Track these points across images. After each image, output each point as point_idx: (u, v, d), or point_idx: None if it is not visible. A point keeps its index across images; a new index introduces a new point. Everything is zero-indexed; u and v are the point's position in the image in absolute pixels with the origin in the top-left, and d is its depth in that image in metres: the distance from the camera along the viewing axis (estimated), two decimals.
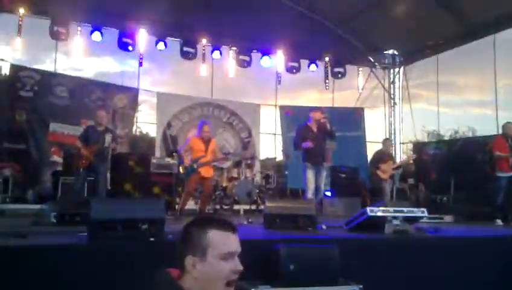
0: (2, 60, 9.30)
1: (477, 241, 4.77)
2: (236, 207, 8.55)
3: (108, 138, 6.71)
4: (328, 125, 6.48)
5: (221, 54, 11.20)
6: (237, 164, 9.18)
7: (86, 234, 3.56)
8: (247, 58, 11.35)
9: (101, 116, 6.97)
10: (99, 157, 6.68)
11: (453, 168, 9.69)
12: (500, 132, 7.65)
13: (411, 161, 9.66)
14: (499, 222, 6.97)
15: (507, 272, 4.37)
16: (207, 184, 6.80)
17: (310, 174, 6.42)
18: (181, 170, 6.75)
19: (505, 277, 4.36)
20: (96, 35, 9.86)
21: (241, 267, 1.47)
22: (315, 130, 6.53)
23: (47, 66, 10.46)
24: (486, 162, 7.83)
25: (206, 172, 6.70)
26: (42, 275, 2.99)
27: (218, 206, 8.43)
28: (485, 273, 4.29)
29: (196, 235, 1.47)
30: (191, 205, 7.32)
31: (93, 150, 6.61)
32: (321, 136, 6.55)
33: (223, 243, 1.45)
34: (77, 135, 7.27)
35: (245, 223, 5.99)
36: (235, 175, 8.97)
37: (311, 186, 6.40)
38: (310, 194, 6.40)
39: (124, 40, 10.12)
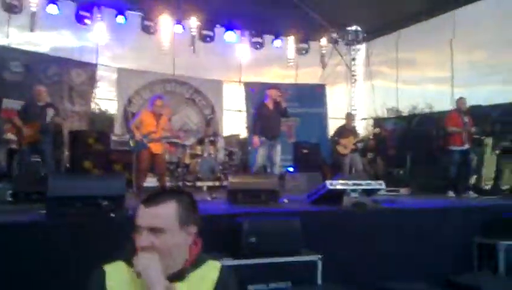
0: None
1: (429, 212, 5.02)
2: (199, 184, 8.54)
3: (50, 112, 6.49)
4: (283, 104, 6.82)
5: (183, 28, 10.97)
6: (200, 141, 9.13)
7: (44, 211, 3.50)
8: (210, 33, 11.19)
9: (39, 91, 6.69)
10: (43, 134, 6.46)
11: (410, 143, 10.03)
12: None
13: (373, 134, 9.78)
14: (451, 193, 7.31)
15: (455, 240, 4.64)
16: (158, 161, 6.64)
17: (262, 150, 6.66)
18: (131, 143, 6.62)
19: (453, 245, 4.63)
20: (52, 8, 9.45)
21: (140, 244, 1.45)
22: (271, 107, 6.83)
23: None
24: (441, 136, 8.14)
25: (156, 148, 6.54)
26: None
27: (180, 183, 8.41)
28: (435, 243, 4.53)
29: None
30: (153, 182, 7.26)
31: (36, 126, 6.38)
32: (276, 113, 6.86)
33: (136, 216, 1.49)
34: None
35: (208, 199, 6.04)
36: (198, 152, 8.92)
37: (260, 160, 6.66)
38: (255, 168, 6.70)
39: (82, 13, 9.73)
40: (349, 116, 9.35)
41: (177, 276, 1.49)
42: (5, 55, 9.33)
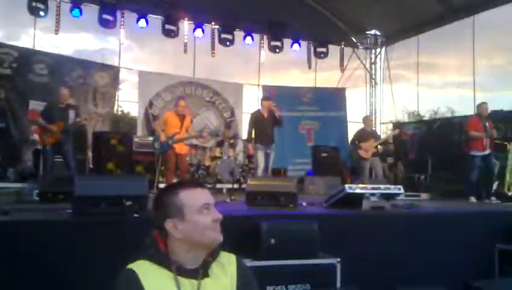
0: None
1: (449, 218, 4.97)
2: (219, 186, 8.63)
3: (71, 114, 6.67)
4: (277, 113, 7.28)
5: (203, 32, 11.12)
6: (220, 143, 9.23)
7: (69, 211, 3.61)
8: (230, 36, 11.29)
9: (63, 93, 6.85)
10: (65, 135, 6.63)
11: (432, 147, 9.92)
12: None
13: (392, 137, 9.62)
14: (473, 199, 7.20)
15: (475, 246, 4.59)
16: (182, 161, 6.87)
17: (260, 155, 7.21)
18: (156, 145, 6.76)
19: (473, 250, 4.58)
20: (76, 12, 9.69)
21: (220, 216, 1.55)
22: (265, 115, 7.33)
23: (24, 42, 10.19)
24: (462, 141, 8.04)
25: (180, 149, 6.76)
26: (26, 250, 3.03)
27: None
28: (455, 248, 4.49)
29: (169, 199, 1.55)
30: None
31: (59, 126, 6.56)
32: (270, 121, 7.34)
33: (195, 198, 1.54)
34: None
35: (228, 200, 6.09)
36: (218, 154, 9.03)
37: (261, 165, 7.22)
38: (259, 172, 7.17)
39: (105, 16, 9.96)
40: (367, 119, 9.25)
41: (204, 269, 1.54)
42: (31, 57, 9.62)
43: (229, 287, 1.56)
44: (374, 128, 9.32)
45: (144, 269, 1.50)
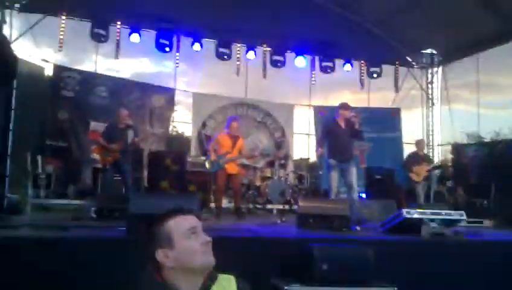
0: (46, 61, 9.66)
1: None
2: (269, 206, 8.57)
3: (130, 134, 6.89)
4: (357, 125, 6.14)
5: (255, 54, 11.27)
6: (270, 164, 9.20)
7: (123, 228, 3.68)
8: (281, 58, 11.37)
9: (122, 114, 7.06)
10: (123, 155, 6.83)
11: (494, 171, 9.33)
12: None
13: (448, 163, 9.46)
14: None
15: None
16: (234, 181, 6.86)
17: (334, 173, 6.03)
18: (207, 165, 6.82)
19: None
20: (135, 37, 10.15)
21: (209, 238, 1.56)
22: (343, 126, 6.22)
23: (86, 67, 10.79)
24: None
25: (231, 169, 6.75)
26: (80, 266, 3.11)
27: (251, 205, 8.48)
28: None
29: (157, 229, 1.59)
30: (224, 203, 7.39)
31: (118, 147, 6.77)
32: (348, 134, 6.21)
33: (181, 224, 1.57)
34: None
35: (278, 222, 6.01)
36: (268, 175, 9.00)
37: (334, 185, 6.00)
38: (332, 194, 6.02)
39: (161, 41, 10.36)
40: (420, 143, 9.22)
41: None
42: (92, 81, 10.16)
43: None
44: (425, 153, 9.32)
45: None
